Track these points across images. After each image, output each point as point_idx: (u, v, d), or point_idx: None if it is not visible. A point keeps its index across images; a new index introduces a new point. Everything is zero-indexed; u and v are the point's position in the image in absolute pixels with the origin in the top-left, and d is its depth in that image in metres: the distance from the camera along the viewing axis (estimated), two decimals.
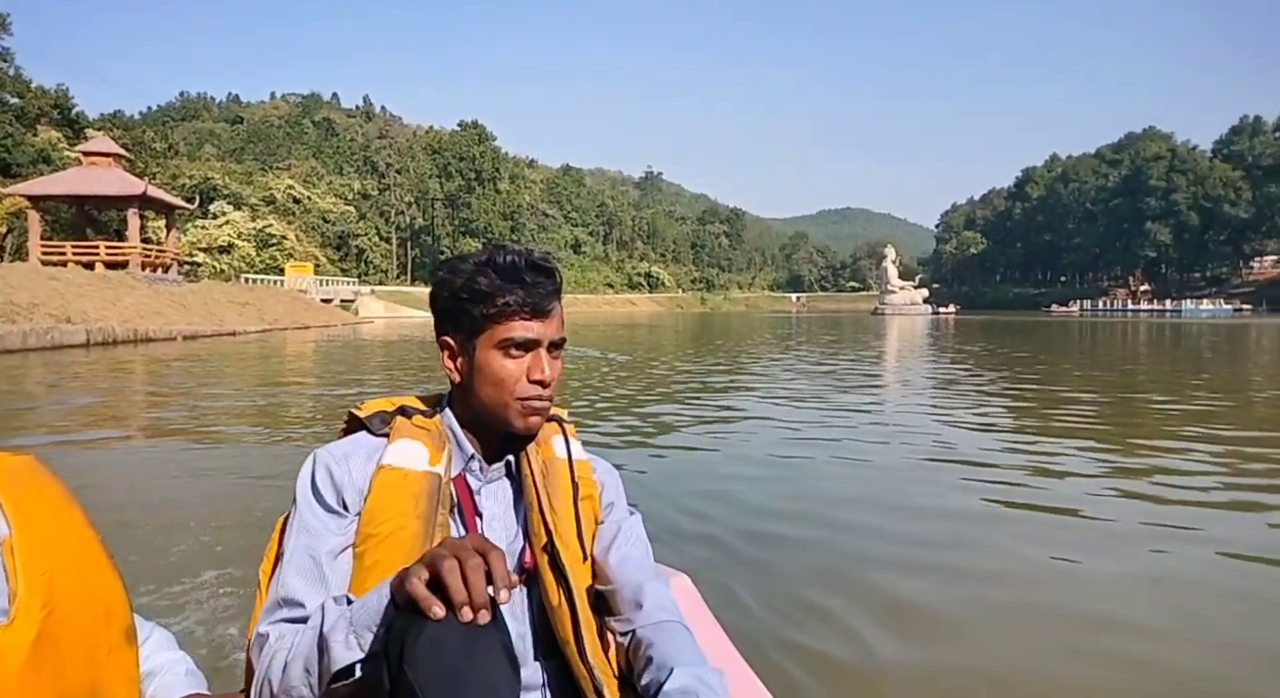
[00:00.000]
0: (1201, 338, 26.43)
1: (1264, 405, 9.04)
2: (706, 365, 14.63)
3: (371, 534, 0.98)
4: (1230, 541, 3.70)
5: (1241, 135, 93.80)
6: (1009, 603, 2.96)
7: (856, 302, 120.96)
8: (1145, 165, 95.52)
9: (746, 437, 6.66)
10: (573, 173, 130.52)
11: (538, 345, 1.04)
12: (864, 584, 3.12)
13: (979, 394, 10.06)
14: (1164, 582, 3.22)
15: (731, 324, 44.26)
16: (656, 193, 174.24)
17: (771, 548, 3.58)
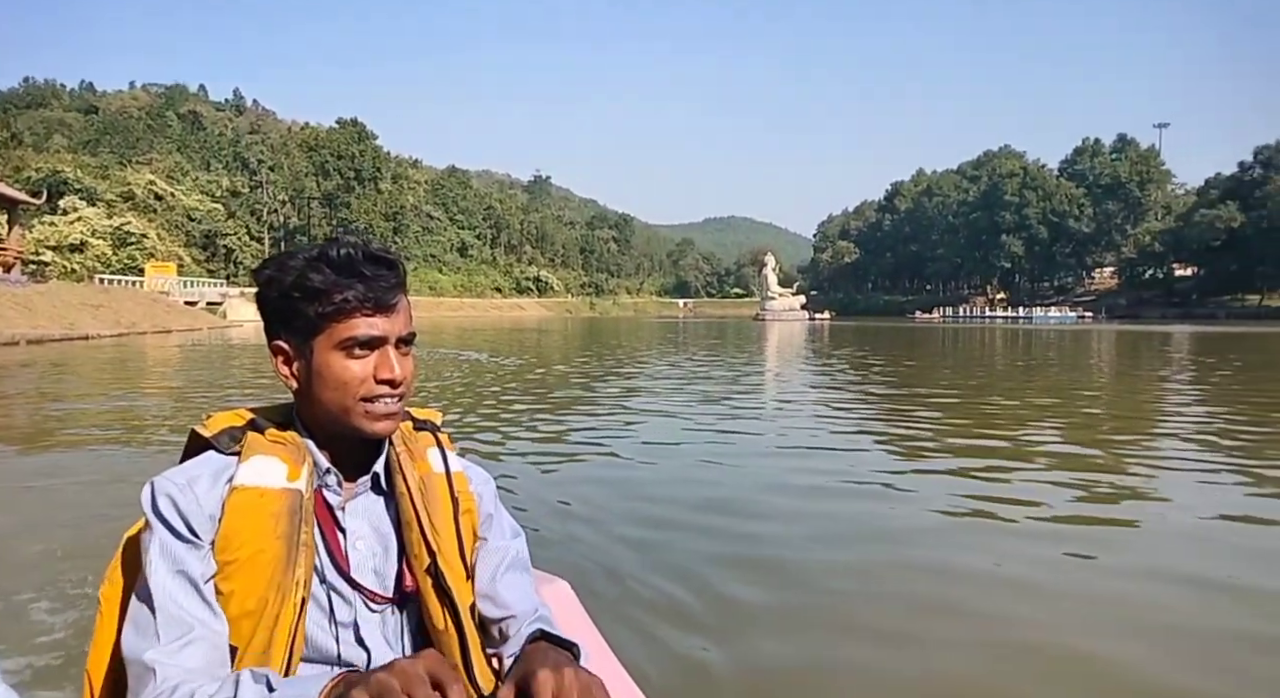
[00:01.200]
0: (1047, 342, 28.85)
1: (1085, 403, 10.11)
2: (594, 369, 14.90)
3: (229, 561, 0.91)
4: (1051, 518, 4.27)
5: (1084, 156, 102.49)
6: (883, 599, 3.09)
7: (740, 307, 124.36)
8: (1001, 182, 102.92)
9: (633, 440, 6.76)
10: (459, 174, 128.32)
11: (383, 343, 0.97)
12: (744, 587, 3.14)
13: (848, 394, 10.76)
14: (999, 562, 3.71)
15: (621, 329, 44.78)
16: (545, 197, 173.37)
17: (653, 552, 3.58)
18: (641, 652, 2.48)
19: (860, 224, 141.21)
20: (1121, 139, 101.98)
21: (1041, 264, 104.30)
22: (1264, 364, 17.38)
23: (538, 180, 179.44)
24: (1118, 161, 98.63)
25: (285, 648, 0.91)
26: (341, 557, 0.99)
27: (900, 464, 5.85)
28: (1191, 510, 4.52)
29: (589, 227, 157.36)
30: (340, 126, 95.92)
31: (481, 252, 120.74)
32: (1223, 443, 6.83)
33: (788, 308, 73.46)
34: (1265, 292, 77.23)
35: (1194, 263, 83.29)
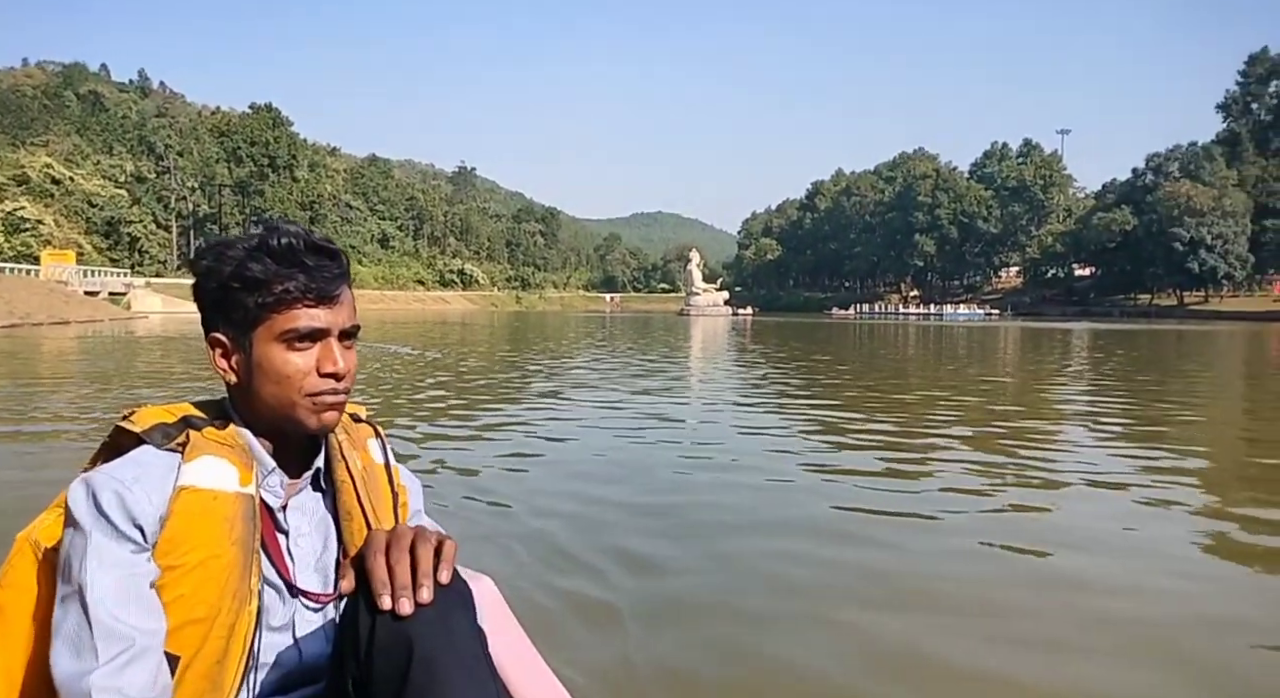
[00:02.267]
0: (956, 338, 30.26)
1: (977, 394, 10.82)
2: (520, 362, 15.02)
3: (175, 565, 0.86)
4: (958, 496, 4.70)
5: (992, 159, 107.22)
6: (809, 598, 3.06)
7: (667, 302, 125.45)
8: (915, 183, 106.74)
9: (559, 435, 6.74)
10: (380, 164, 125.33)
11: (326, 335, 0.95)
12: (672, 584, 3.16)
13: (767, 388, 11.21)
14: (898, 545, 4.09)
15: (548, 323, 44.75)
16: (470, 188, 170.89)
17: (578, 548, 3.56)
18: (566, 650, 2.46)
19: (783, 222, 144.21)
20: (1027, 144, 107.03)
21: (952, 263, 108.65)
22: (1149, 359, 18.78)
23: (462, 172, 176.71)
24: (1023, 165, 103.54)
25: (240, 657, 0.89)
26: (281, 560, 0.96)
27: (822, 455, 6.21)
28: (1095, 496, 4.97)
29: (515, 219, 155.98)
30: (254, 112, 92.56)
31: (403, 243, 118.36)
32: (1114, 427, 7.51)
33: (712, 303, 74.59)
34: (1155, 291, 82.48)
35: (1092, 263, 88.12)
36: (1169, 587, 3.30)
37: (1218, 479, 5.61)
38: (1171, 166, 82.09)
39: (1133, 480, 5.24)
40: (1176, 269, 76.39)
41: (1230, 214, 74.69)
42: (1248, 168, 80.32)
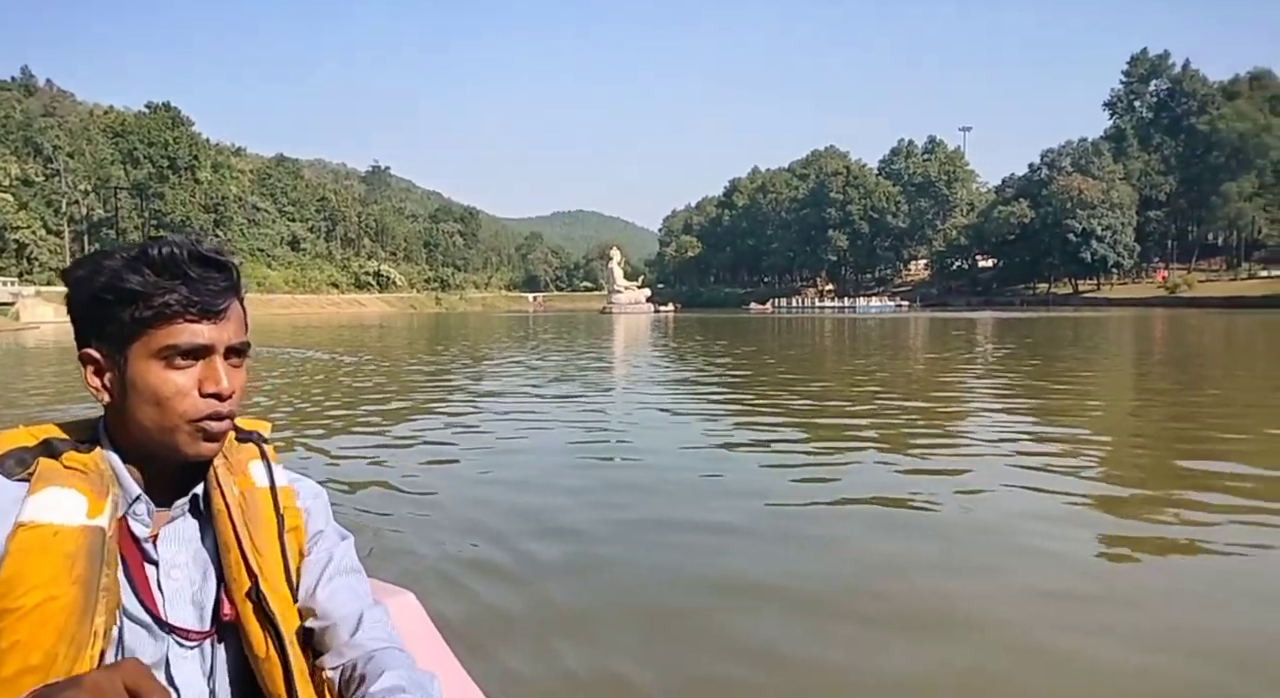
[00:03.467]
0: (869, 329, 31.42)
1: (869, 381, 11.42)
2: (441, 365, 14.98)
3: (11, 609, 0.78)
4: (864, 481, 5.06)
5: (899, 156, 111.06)
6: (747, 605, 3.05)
7: (590, 301, 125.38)
8: (827, 180, 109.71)
9: (482, 440, 6.58)
10: (288, 164, 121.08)
11: (210, 352, 0.88)
12: (598, 596, 3.11)
13: (691, 385, 11.55)
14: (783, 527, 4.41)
15: (470, 324, 44.30)
16: (385, 188, 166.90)
17: (503, 559, 3.51)
18: (492, 664, 2.42)
19: (702, 219, 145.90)
20: (932, 141, 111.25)
21: (864, 257, 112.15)
22: (1047, 342, 20.06)
23: (376, 171, 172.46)
24: (929, 162, 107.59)
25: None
26: (149, 594, 0.89)
27: (743, 450, 6.51)
28: (995, 472, 5.42)
29: (433, 219, 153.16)
30: (150, 111, 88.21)
31: (315, 245, 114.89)
32: (1016, 406, 8.10)
33: (634, 301, 75.06)
34: (1052, 280, 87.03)
35: (994, 255, 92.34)
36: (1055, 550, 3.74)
37: (1109, 450, 6.18)
38: (1064, 161, 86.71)
39: (1031, 458, 5.77)
40: (1071, 259, 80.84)
41: (1118, 206, 79.51)
42: (1132, 162, 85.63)
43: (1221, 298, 58.18)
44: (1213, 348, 18.86)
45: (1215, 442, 6.48)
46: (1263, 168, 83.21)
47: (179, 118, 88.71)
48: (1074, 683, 2.44)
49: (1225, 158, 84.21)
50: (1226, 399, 9.33)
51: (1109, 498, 4.64)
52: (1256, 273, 69.63)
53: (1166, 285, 68.38)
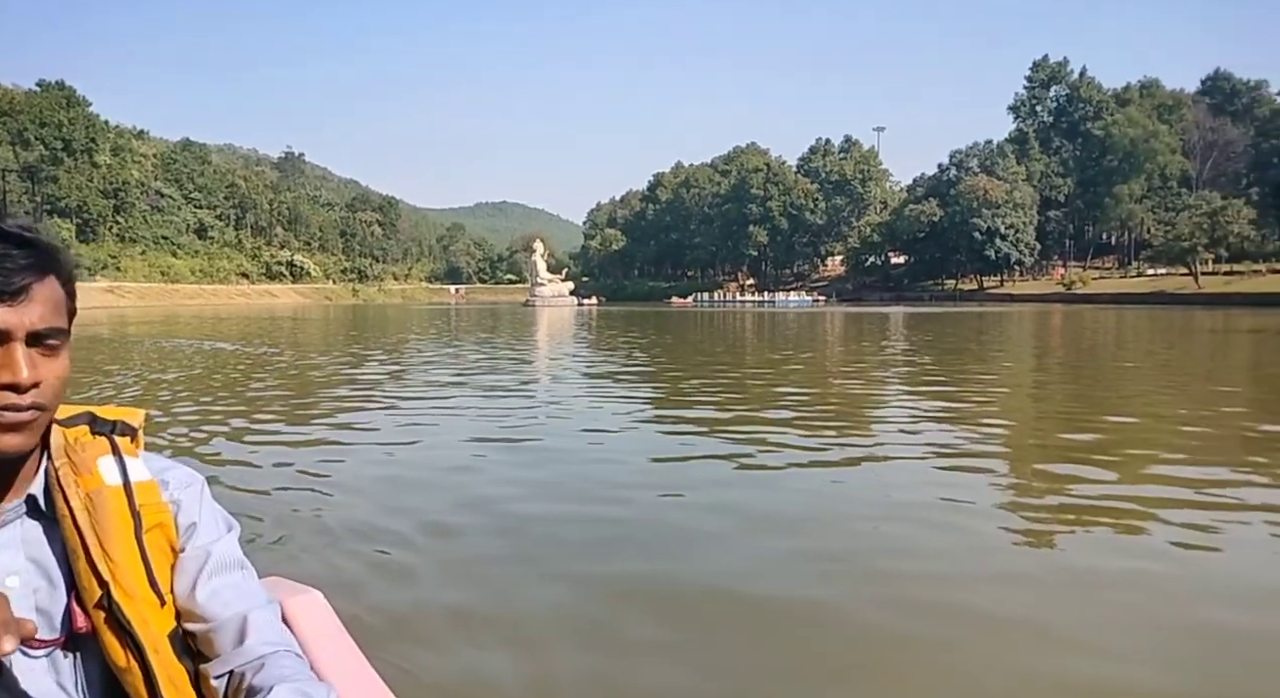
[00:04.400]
0: (786, 323, 32.33)
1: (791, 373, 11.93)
2: (356, 357, 14.82)
3: None
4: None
5: (817, 155, 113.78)
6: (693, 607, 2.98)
7: (514, 293, 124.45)
8: (748, 176, 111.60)
9: (395, 433, 6.46)
10: (195, 148, 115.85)
11: (6, 339, 0.79)
12: (511, 591, 3.07)
13: (617, 379, 11.80)
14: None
15: (389, 316, 43.50)
16: (299, 176, 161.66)
17: (412, 554, 3.42)
18: (403, 663, 2.38)
19: (627, 213, 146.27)
20: (847, 140, 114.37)
21: (784, 252, 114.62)
22: (954, 334, 21.12)
23: (289, 157, 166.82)
24: (845, 160, 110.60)
25: None
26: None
27: (662, 440, 6.79)
28: (908, 454, 5.86)
29: (350, 208, 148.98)
30: (42, 90, 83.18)
31: (224, 234, 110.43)
32: (924, 390, 8.64)
33: (557, 294, 74.96)
34: (959, 276, 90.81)
35: (906, 252, 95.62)
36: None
37: (1012, 434, 6.72)
38: (971, 162, 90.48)
39: (939, 440, 6.25)
40: (976, 256, 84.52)
41: (1020, 206, 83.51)
42: (1034, 164, 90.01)
43: (1112, 294, 61.87)
44: (1103, 340, 20.27)
45: (1103, 421, 7.10)
46: (1151, 172, 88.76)
47: (74, 98, 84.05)
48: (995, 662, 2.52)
49: (1118, 162, 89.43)
50: (1113, 385, 10.18)
51: (1009, 476, 5.13)
52: (1144, 271, 74.24)
53: (1064, 282, 72.26)
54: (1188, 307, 46.53)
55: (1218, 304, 47.09)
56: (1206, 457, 5.47)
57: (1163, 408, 8.07)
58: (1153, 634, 2.70)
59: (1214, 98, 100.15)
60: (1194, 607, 2.95)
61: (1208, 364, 13.50)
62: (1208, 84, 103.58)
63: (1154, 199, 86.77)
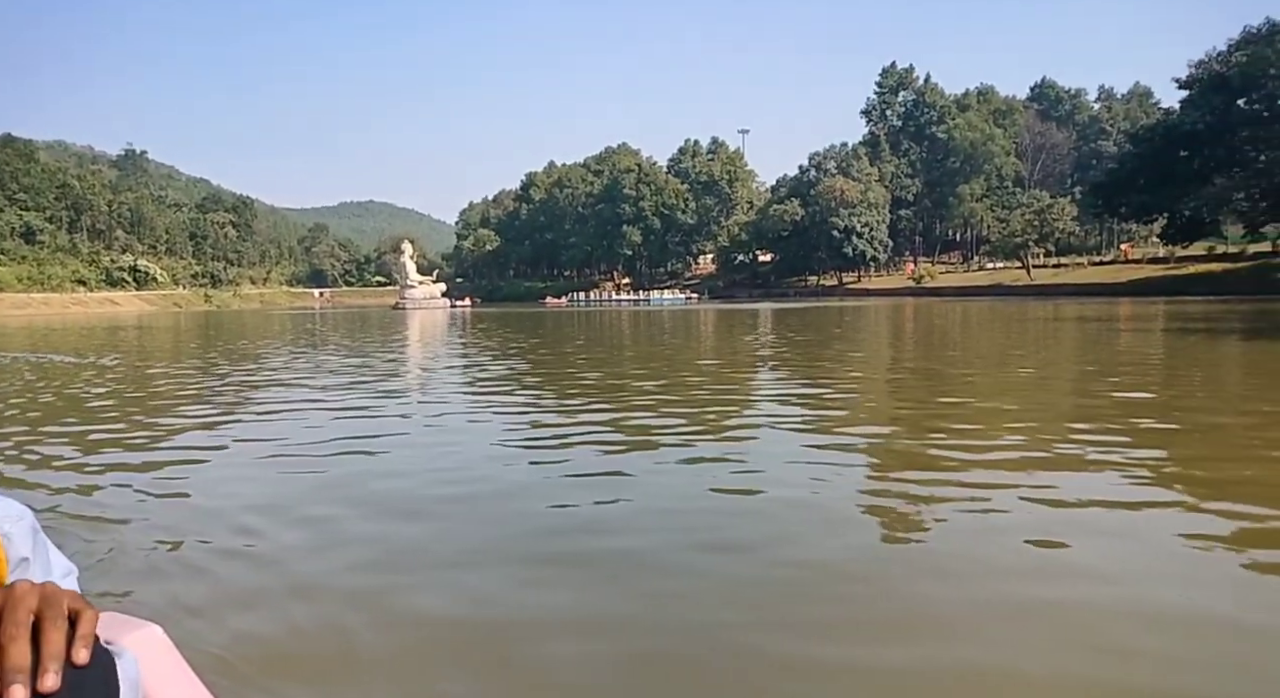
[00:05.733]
0: (660, 320, 33.00)
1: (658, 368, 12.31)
2: (206, 368, 14.11)
3: None
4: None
5: (686, 155, 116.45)
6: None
7: (383, 296, 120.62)
8: (621, 176, 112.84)
9: (249, 448, 6.04)
10: (19, 145, 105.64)
11: None
12: (360, 620, 2.82)
13: (491, 384, 11.76)
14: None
15: (246, 322, 41.24)
16: (142, 175, 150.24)
17: (258, 582, 3.20)
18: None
19: (500, 213, 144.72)
20: (715, 142, 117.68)
21: (657, 252, 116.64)
22: (816, 327, 22.25)
23: (130, 155, 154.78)
24: (712, 161, 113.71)
25: None
26: None
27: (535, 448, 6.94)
28: (781, 437, 6.22)
29: (200, 209, 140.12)
30: None
31: (56, 238, 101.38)
32: (791, 381, 9.13)
33: (428, 296, 73.32)
34: (821, 273, 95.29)
35: (772, 250, 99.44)
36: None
37: (871, 412, 7.25)
38: (829, 164, 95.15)
39: (808, 422, 6.68)
40: (836, 253, 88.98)
41: (874, 206, 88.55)
42: (885, 165, 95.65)
43: (956, 287, 66.66)
44: (946, 326, 21.94)
45: (954, 402, 7.81)
46: (989, 173, 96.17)
47: None
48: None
49: (960, 163, 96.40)
50: (961, 363, 11.13)
51: (873, 458, 5.60)
52: (984, 265, 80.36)
53: (914, 277, 77.16)
54: (1022, 297, 50.76)
55: (1048, 294, 51.63)
56: (1048, 440, 6.01)
57: (1000, 392, 8.95)
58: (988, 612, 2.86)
59: (1041, 104, 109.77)
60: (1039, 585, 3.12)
61: (1044, 348, 14.94)
62: (1035, 91, 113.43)
63: (992, 198, 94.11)
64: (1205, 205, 45.66)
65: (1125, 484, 4.44)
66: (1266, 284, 39.79)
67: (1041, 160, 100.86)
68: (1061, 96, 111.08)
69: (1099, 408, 7.23)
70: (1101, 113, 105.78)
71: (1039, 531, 3.58)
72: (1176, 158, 47.97)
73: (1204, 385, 9.11)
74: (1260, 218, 45.28)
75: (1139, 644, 2.49)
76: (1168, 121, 52.80)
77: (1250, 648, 2.50)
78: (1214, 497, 4.12)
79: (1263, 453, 5.26)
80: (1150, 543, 3.51)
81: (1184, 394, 8.32)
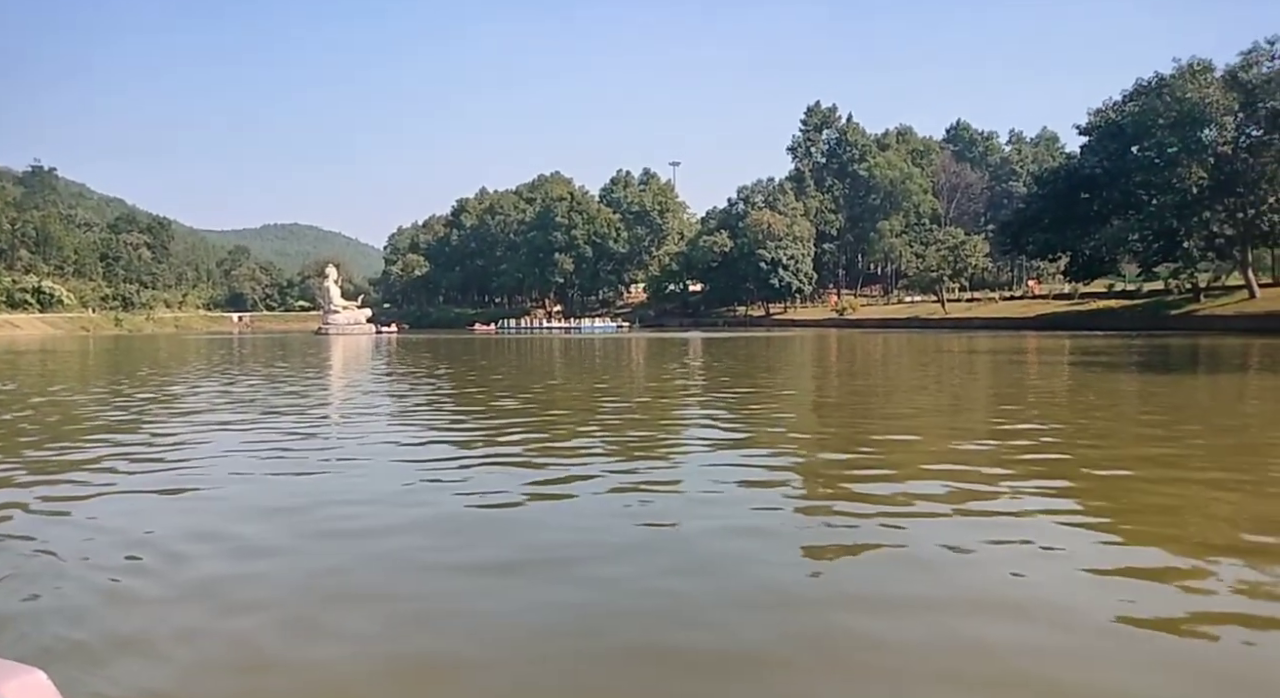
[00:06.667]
0: (587, 348, 33.07)
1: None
2: (112, 396, 13.55)
3: None
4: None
5: (618, 185, 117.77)
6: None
7: (306, 321, 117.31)
8: (553, 204, 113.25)
9: (133, 482, 5.78)
10: None
11: None
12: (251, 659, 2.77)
13: (414, 410, 11.60)
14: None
15: (160, 348, 39.57)
16: (49, 192, 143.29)
17: (154, 622, 3.06)
18: None
19: (430, 238, 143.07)
20: (646, 173, 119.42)
21: (589, 280, 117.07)
22: (746, 357, 22.69)
23: (37, 172, 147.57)
24: (644, 192, 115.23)
25: None
26: None
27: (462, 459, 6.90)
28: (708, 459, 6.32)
29: (113, 229, 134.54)
30: None
31: None
32: (719, 409, 9.29)
33: (353, 321, 71.75)
34: (748, 303, 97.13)
35: (701, 280, 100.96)
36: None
37: (797, 438, 7.46)
38: (757, 198, 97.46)
39: (739, 448, 6.84)
40: (763, 284, 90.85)
41: (799, 239, 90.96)
42: (810, 200, 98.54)
43: (877, 319, 68.84)
44: (869, 356, 22.69)
45: (876, 421, 8.12)
46: (908, 210, 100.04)
47: None
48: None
49: (880, 200, 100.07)
50: (879, 391, 11.55)
51: (797, 479, 5.79)
52: (903, 299, 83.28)
53: (837, 309, 79.41)
54: (938, 330, 52.77)
55: (961, 327, 53.80)
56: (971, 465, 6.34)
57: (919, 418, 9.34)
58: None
59: (956, 145, 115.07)
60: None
61: (956, 378, 15.60)
62: (951, 133, 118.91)
63: (910, 234, 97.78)
64: (1104, 245, 48.52)
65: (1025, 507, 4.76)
66: (1159, 320, 42.45)
67: (957, 199, 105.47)
68: (975, 138, 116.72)
69: (1005, 433, 7.66)
70: (1012, 155, 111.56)
71: (943, 553, 3.84)
72: (1078, 199, 50.93)
73: (1104, 414, 9.72)
74: (1153, 258, 48.32)
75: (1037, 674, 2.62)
76: (1070, 165, 56.14)
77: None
78: (1111, 512, 4.47)
79: (1157, 476, 5.69)
80: (1047, 571, 3.75)
81: (1088, 424, 8.86)
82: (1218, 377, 15.89)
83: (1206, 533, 4.27)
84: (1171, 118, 43.59)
